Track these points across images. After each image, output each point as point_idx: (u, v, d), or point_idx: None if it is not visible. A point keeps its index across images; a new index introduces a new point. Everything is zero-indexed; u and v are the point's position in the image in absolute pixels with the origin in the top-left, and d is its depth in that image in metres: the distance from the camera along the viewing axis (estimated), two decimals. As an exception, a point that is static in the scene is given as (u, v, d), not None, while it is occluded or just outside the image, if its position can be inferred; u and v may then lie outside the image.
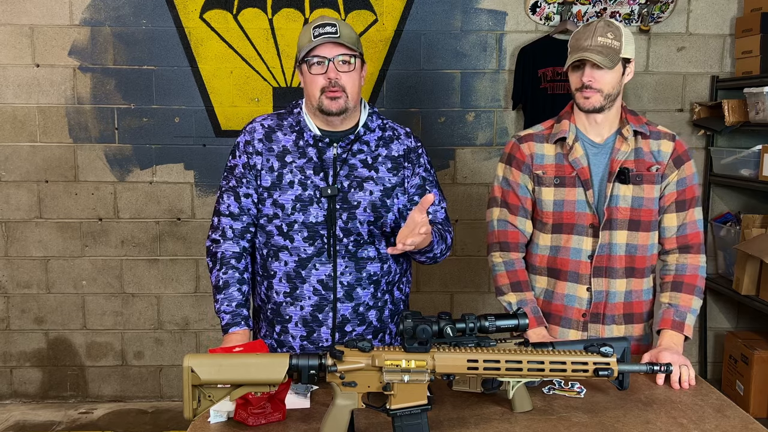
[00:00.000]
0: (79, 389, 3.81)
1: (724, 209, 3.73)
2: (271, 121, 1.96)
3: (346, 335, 1.92)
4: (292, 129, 1.93)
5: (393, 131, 2.00)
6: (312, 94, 1.86)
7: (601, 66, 1.90)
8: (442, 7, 3.55)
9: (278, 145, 1.92)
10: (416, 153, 2.00)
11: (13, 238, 3.68)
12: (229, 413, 1.59)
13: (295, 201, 1.88)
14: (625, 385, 1.60)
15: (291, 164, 1.90)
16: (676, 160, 2.02)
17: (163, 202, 3.67)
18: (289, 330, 1.93)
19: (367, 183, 1.91)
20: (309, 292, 1.90)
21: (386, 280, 1.97)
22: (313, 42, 1.82)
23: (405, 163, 1.97)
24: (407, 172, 1.97)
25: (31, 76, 3.56)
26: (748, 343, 3.38)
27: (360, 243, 1.90)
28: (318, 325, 1.91)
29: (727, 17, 3.60)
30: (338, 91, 1.83)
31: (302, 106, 1.96)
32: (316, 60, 1.83)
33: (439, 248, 1.93)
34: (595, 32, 1.92)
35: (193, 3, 3.50)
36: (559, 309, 2.06)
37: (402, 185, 1.95)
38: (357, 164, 1.91)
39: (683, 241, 2.03)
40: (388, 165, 1.94)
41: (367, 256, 1.92)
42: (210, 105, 3.58)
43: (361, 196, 1.89)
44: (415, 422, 1.43)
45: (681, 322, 1.94)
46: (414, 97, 3.61)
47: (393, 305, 2.01)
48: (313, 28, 1.84)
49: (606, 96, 1.94)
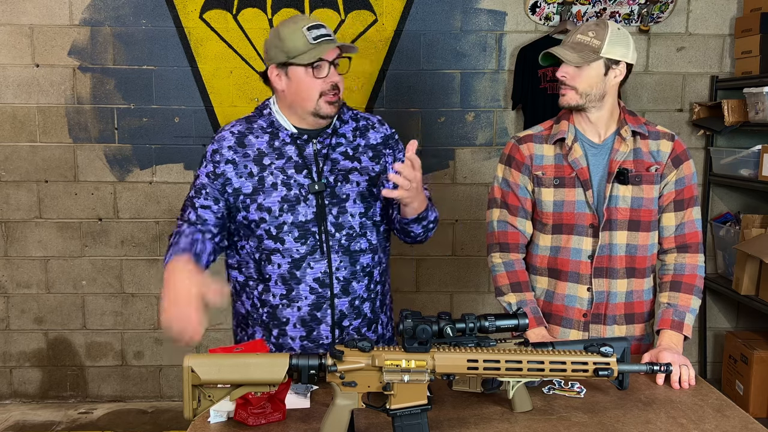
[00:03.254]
0: (79, 389, 3.81)
1: (723, 209, 3.73)
2: (240, 127, 1.93)
3: (344, 330, 1.92)
4: (263, 131, 1.91)
5: (366, 120, 2.01)
6: (308, 98, 1.84)
7: (566, 62, 1.92)
8: (441, 7, 3.55)
9: (252, 149, 1.89)
10: (393, 139, 2.02)
11: (13, 238, 3.68)
12: (229, 413, 1.59)
13: (282, 202, 1.86)
14: (625, 385, 1.60)
15: (270, 166, 1.87)
16: (675, 160, 2.02)
17: (163, 202, 3.68)
18: (288, 332, 1.92)
19: (353, 174, 1.90)
20: (305, 292, 1.89)
21: (378, 271, 1.97)
22: (315, 46, 1.79)
23: (385, 150, 1.98)
24: (389, 159, 1.98)
25: (30, 76, 3.56)
26: (747, 343, 3.38)
27: (352, 236, 1.89)
28: (317, 324, 1.90)
29: (726, 17, 3.60)
30: (336, 94, 1.84)
31: (272, 107, 1.94)
32: (319, 63, 1.82)
33: (432, 215, 1.93)
34: (578, 30, 1.95)
35: (192, 3, 3.51)
36: (559, 309, 2.06)
37: (385, 172, 1.95)
38: (339, 158, 1.91)
39: (681, 241, 2.03)
40: (369, 154, 1.95)
41: (360, 248, 1.91)
42: (210, 105, 3.59)
43: (348, 189, 1.89)
44: (415, 422, 1.43)
45: (680, 322, 1.94)
46: (414, 97, 3.61)
47: (382, 296, 2.03)
48: (306, 30, 1.80)
49: (583, 94, 1.95)
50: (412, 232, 1.94)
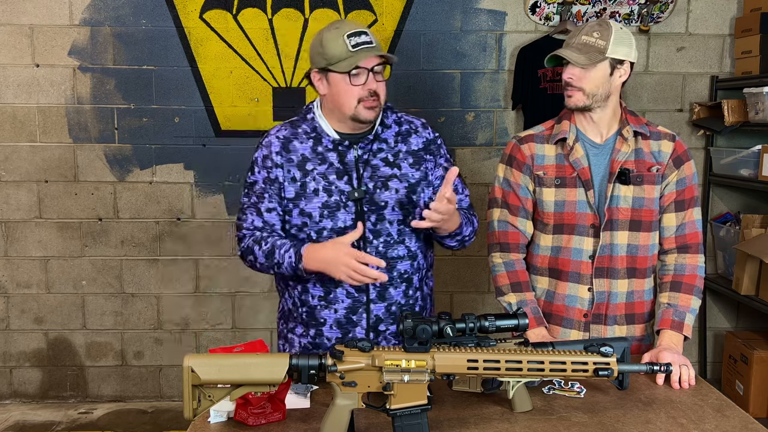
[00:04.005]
0: (79, 389, 3.81)
1: (723, 209, 3.73)
2: (285, 131, 1.94)
3: (380, 334, 1.94)
4: (308, 136, 1.92)
5: (409, 124, 2.00)
6: (347, 104, 1.85)
7: (574, 63, 1.91)
8: (441, 7, 3.55)
9: (297, 155, 1.91)
10: (436, 144, 2.00)
11: (13, 238, 3.68)
12: (229, 413, 1.59)
13: (322, 208, 1.88)
14: (625, 385, 1.60)
15: (312, 171, 1.89)
16: (676, 161, 2.02)
17: (163, 202, 3.67)
18: (324, 333, 1.94)
19: (392, 181, 1.91)
20: (342, 296, 1.91)
21: (418, 277, 1.98)
22: (353, 53, 1.80)
23: (426, 155, 1.97)
24: (429, 165, 1.97)
25: (31, 76, 3.56)
26: (747, 343, 3.38)
27: (390, 243, 1.90)
28: (353, 326, 1.92)
29: (726, 17, 3.60)
30: (375, 100, 1.84)
31: (315, 111, 1.95)
32: (357, 71, 1.82)
33: (468, 230, 1.96)
34: (582, 31, 1.95)
35: (192, 3, 3.51)
36: (560, 309, 2.06)
37: (426, 179, 1.95)
38: (379, 164, 1.91)
39: (682, 241, 2.03)
40: (410, 160, 1.94)
41: (398, 255, 1.92)
42: (210, 105, 3.59)
43: (387, 196, 1.90)
44: (415, 422, 1.43)
45: (680, 322, 1.94)
46: (414, 97, 3.61)
47: (422, 300, 2.03)
48: (347, 37, 1.81)
49: (589, 95, 1.95)
50: (446, 245, 1.98)
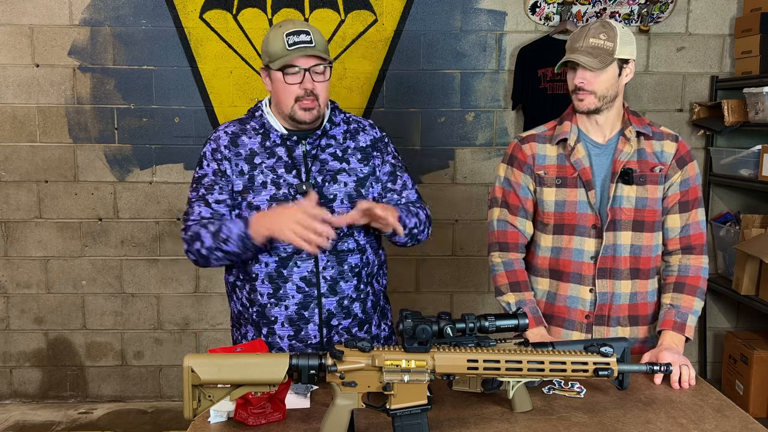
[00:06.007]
0: (79, 389, 3.81)
1: (723, 209, 3.73)
2: (234, 127, 1.98)
3: (332, 329, 1.93)
4: (256, 132, 1.95)
5: (357, 123, 2.03)
6: (284, 102, 1.87)
7: (589, 68, 1.90)
8: (441, 7, 3.55)
9: (245, 149, 1.93)
10: (383, 142, 2.03)
11: (13, 238, 3.68)
12: (229, 413, 1.59)
13: (270, 201, 1.88)
14: (625, 385, 1.60)
15: (261, 165, 1.91)
16: (680, 161, 2.02)
17: (163, 202, 3.67)
18: (276, 331, 1.93)
19: (341, 175, 1.92)
20: (293, 291, 1.90)
21: (366, 272, 1.98)
22: (289, 52, 1.81)
23: (374, 152, 1.99)
24: (377, 161, 1.99)
25: (30, 76, 3.56)
26: (747, 343, 3.38)
27: (339, 236, 1.89)
28: (305, 323, 1.91)
29: (726, 17, 3.60)
30: (313, 101, 1.85)
31: (263, 109, 1.97)
32: (292, 70, 1.83)
33: (412, 221, 1.93)
34: (588, 33, 1.93)
35: (192, 3, 3.51)
36: (562, 311, 2.06)
37: (374, 174, 1.97)
38: (328, 158, 1.93)
39: (686, 242, 2.02)
40: (358, 156, 1.97)
41: (348, 248, 1.92)
42: (210, 105, 3.59)
43: (336, 189, 1.91)
44: (415, 422, 1.43)
45: (682, 323, 1.94)
46: (414, 97, 3.61)
47: (374, 296, 2.03)
48: (286, 35, 1.82)
49: (601, 97, 1.95)
50: (397, 242, 1.96)
